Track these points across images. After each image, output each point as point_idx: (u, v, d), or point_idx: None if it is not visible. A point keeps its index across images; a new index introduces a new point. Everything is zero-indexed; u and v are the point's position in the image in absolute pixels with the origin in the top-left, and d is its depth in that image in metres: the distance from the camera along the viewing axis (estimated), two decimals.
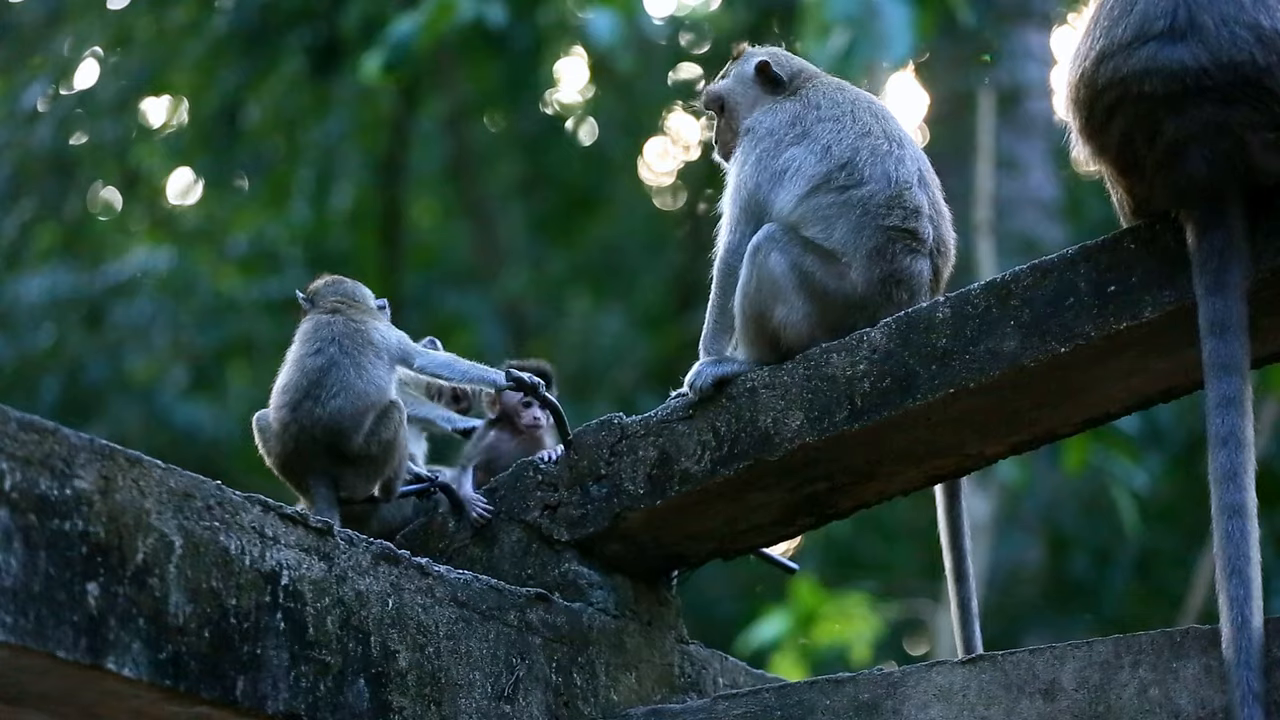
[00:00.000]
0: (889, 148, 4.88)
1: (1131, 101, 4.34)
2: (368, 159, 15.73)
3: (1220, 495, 4.16)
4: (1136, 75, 4.33)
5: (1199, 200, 4.29)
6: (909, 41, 9.88)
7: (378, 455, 4.91)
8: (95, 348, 14.66)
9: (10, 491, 3.68)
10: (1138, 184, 4.40)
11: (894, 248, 4.79)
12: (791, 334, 4.78)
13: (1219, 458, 4.18)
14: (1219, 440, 4.18)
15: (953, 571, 4.99)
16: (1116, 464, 11.10)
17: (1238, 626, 4.07)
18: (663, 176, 17.36)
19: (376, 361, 4.98)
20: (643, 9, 12.41)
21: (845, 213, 4.81)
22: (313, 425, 4.90)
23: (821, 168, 4.86)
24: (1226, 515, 4.14)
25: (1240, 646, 4.05)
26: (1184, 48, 4.30)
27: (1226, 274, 4.23)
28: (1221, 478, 4.17)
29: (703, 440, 4.73)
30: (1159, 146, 4.32)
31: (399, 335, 5.07)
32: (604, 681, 4.75)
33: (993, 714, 4.34)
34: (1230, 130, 4.27)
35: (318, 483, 4.91)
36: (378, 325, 5.05)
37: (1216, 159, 4.28)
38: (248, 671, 4.01)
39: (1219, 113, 4.28)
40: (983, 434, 4.64)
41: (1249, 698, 4.02)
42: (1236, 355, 4.21)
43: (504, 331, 14.89)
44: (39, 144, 14.78)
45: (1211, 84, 4.28)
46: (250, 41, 14.72)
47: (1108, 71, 4.37)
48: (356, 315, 5.05)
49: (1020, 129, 13.18)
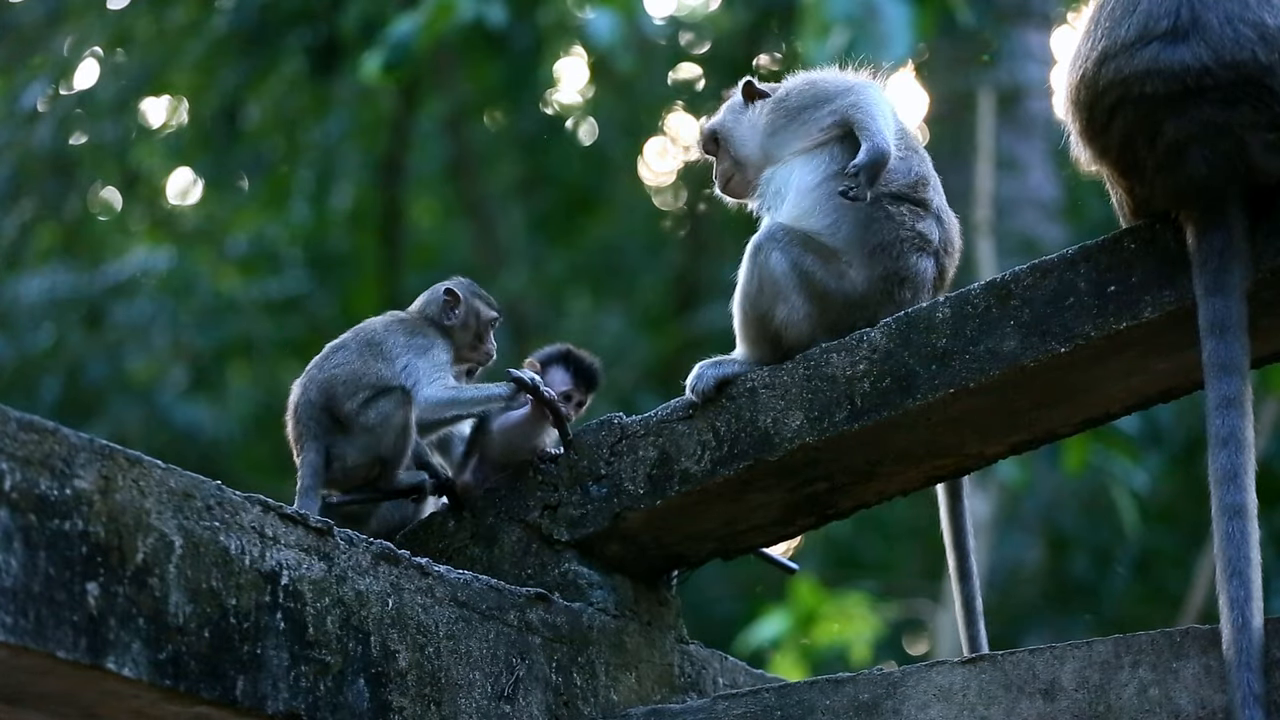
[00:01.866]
0: (910, 141, 4.90)
1: (1133, 102, 4.34)
2: (368, 159, 15.73)
3: (1221, 496, 4.16)
4: (1138, 76, 4.33)
5: (1199, 201, 4.29)
6: (909, 41, 9.88)
7: (373, 426, 4.92)
8: (95, 348, 14.65)
9: (10, 491, 3.69)
10: (1138, 185, 4.39)
11: (900, 245, 4.79)
12: (793, 334, 4.78)
13: (1219, 458, 4.18)
14: (1219, 441, 4.18)
15: (956, 570, 4.99)
16: (1116, 464, 11.10)
17: (1238, 628, 4.07)
18: (663, 176, 17.36)
19: (380, 364, 5.00)
20: (643, 9, 12.40)
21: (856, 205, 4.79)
22: (311, 384, 5.01)
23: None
24: (1227, 516, 4.14)
25: (1241, 648, 4.05)
26: (1186, 48, 4.30)
27: (1226, 274, 4.23)
28: (1222, 478, 4.17)
29: (703, 440, 4.74)
30: (1159, 147, 4.32)
31: (424, 366, 5.04)
32: (604, 681, 4.75)
33: (993, 714, 4.34)
34: (1231, 131, 4.27)
35: (308, 449, 4.96)
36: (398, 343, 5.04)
37: (1217, 159, 4.28)
38: (248, 671, 4.01)
39: (1219, 113, 4.28)
40: (983, 434, 4.65)
41: (1249, 699, 4.02)
42: (1236, 355, 4.21)
43: (504, 331, 14.89)
44: (39, 144, 14.78)
45: (1213, 83, 4.28)
46: (250, 41, 14.71)
47: (1109, 72, 4.37)
48: (394, 326, 5.05)
49: (1020, 129, 13.18)
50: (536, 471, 4.92)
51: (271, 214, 15.77)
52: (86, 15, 15.28)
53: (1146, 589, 13.52)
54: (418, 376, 5.00)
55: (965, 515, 4.99)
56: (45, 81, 15.06)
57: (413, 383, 4.99)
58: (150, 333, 14.72)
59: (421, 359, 5.03)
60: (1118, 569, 13.26)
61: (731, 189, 5.13)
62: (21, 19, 15.49)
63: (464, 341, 5.15)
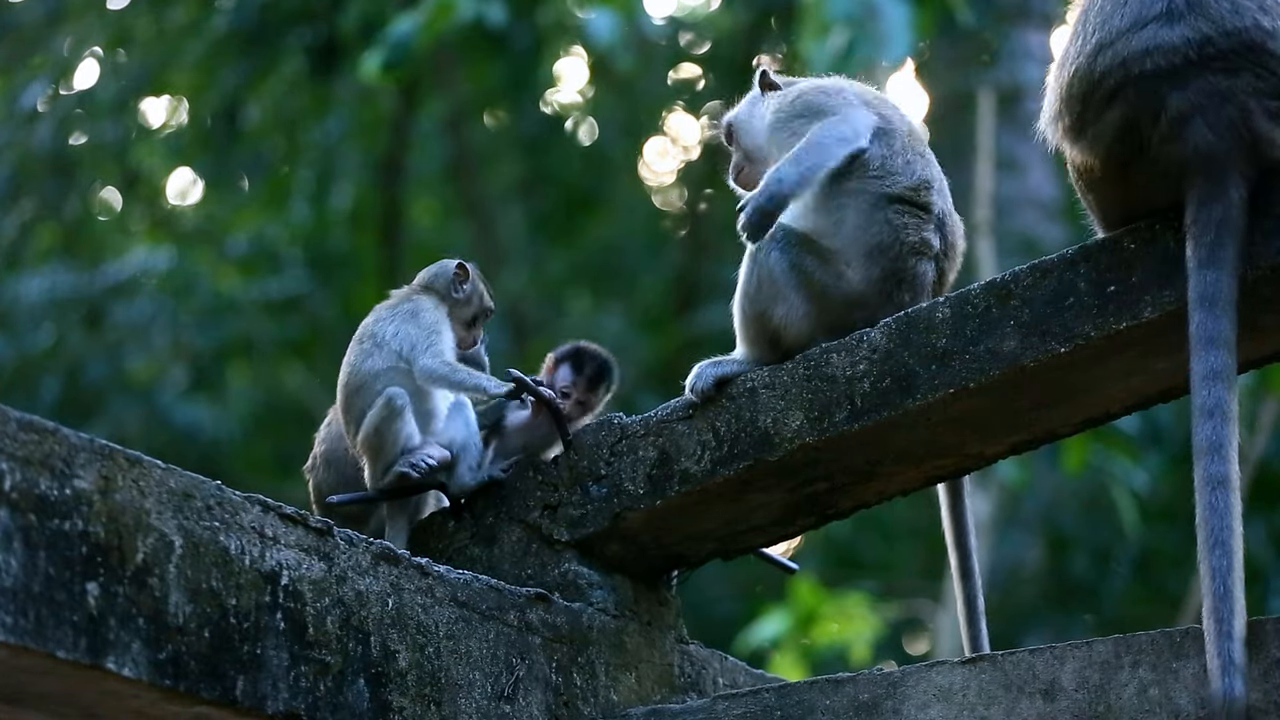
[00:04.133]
0: (916, 145, 4.89)
1: (1133, 83, 4.34)
2: (368, 159, 15.73)
3: (1205, 467, 4.13)
4: (1137, 55, 4.34)
5: (1202, 169, 4.27)
6: (908, 41, 9.88)
7: (353, 429, 5.00)
8: (95, 348, 14.66)
9: (10, 491, 3.69)
10: (1134, 172, 4.38)
11: (898, 248, 4.79)
12: (792, 333, 4.78)
13: (1204, 430, 4.14)
14: (1204, 412, 4.15)
15: (958, 570, 4.99)
16: (1116, 464, 11.10)
17: (1219, 597, 4.02)
18: (663, 176, 17.36)
19: (374, 351, 5.00)
20: (643, 9, 12.41)
21: (857, 202, 4.79)
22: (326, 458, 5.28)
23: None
24: (1210, 487, 4.11)
25: (1222, 616, 4.00)
26: (1184, 24, 4.33)
27: (1221, 248, 4.22)
28: (1206, 449, 4.14)
29: (702, 440, 4.74)
30: (1163, 123, 4.31)
31: (417, 332, 5.03)
32: (604, 681, 4.75)
33: (993, 714, 4.34)
34: (1234, 97, 4.28)
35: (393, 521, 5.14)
36: (395, 317, 5.05)
37: (1220, 126, 4.28)
38: (248, 671, 4.01)
39: (1222, 81, 4.29)
40: (983, 434, 4.64)
41: (1230, 667, 3.97)
42: (1224, 329, 4.18)
43: (504, 331, 14.88)
44: (39, 144, 14.78)
45: (1215, 52, 4.30)
46: (250, 41, 14.71)
47: (1106, 60, 4.38)
48: (396, 303, 5.08)
49: (1020, 129, 13.16)
50: (537, 471, 4.92)
51: (271, 214, 15.77)
52: (86, 15, 15.28)
53: (1146, 589, 13.52)
54: (414, 342, 4.99)
55: (967, 515, 4.99)
56: (45, 81, 15.06)
57: (410, 349, 4.98)
58: (150, 333, 14.72)
59: (411, 324, 5.01)
60: (1118, 569, 13.26)
61: (742, 180, 5.13)
62: (21, 19, 15.49)
63: (460, 318, 5.12)
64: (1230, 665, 3.98)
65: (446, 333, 5.03)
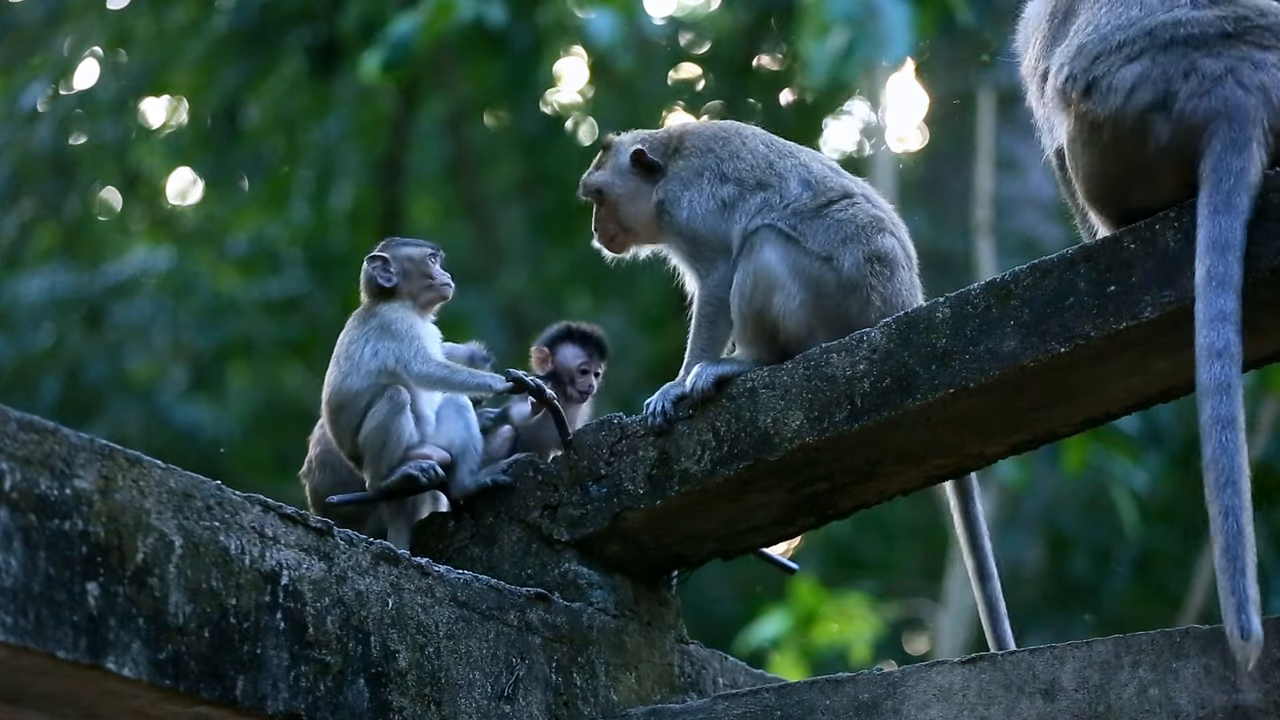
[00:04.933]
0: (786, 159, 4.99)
1: (1161, 47, 4.39)
2: (368, 159, 15.72)
3: (1212, 407, 4.11)
4: (1167, 24, 4.42)
5: (1231, 121, 4.31)
6: (908, 41, 9.89)
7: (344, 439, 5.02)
8: (95, 348, 14.65)
9: (10, 491, 3.69)
10: (1155, 124, 4.37)
11: (862, 231, 4.87)
12: (790, 324, 4.80)
13: (1210, 370, 4.13)
14: (1212, 354, 4.14)
15: (976, 572, 5.02)
16: (1116, 464, 11.09)
17: (1233, 534, 4.00)
18: None
19: (352, 372, 4.99)
20: (643, 9, 12.41)
21: (810, 221, 4.87)
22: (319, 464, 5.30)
23: (758, 194, 4.94)
24: (1219, 427, 4.10)
25: (1236, 554, 3.98)
26: (1215, 9, 4.43)
27: (1237, 197, 4.24)
28: (1214, 389, 4.12)
29: (702, 440, 4.74)
30: (1194, 80, 4.36)
31: (396, 346, 5.03)
32: (604, 681, 4.75)
33: (992, 714, 4.34)
34: (1266, 67, 4.36)
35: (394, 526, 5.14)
36: (367, 336, 5.04)
37: (1252, 87, 4.34)
38: (248, 671, 4.01)
39: (1257, 52, 4.38)
40: (983, 434, 4.65)
41: (1245, 604, 3.95)
42: (1234, 273, 4.17)
43: (504, 331, 14.88)
44: (39, 144, 14.78)
45: (1251, 26, 4.39)
46: (250, 41, 14.71)
47: (1124, 33, 4.44)
48: (364, 319, 5.06)
49: (1020, 129, 13.13)
50: (536, 471, 4.92)
51: (271, 214, 15.76)
52: (86, 15, 15.28)
53: (1146, 589, 13.52)
54: (398, 355, 4.98)
55: (979, 516, 5.01)
56: (45, 81, 15.06)
57: (396, 362, 4.97)
58: (150, 333, 14.72)
59: (386, 339, 5.01)
60: (1118, 569, 13.26)
61: (610, 242, 5.35)
62: (21, 19, 15.49)
63: (416, 290, 5.09)
64: (1245, 601, 3.97)
65: (425, 333, 5.03)
